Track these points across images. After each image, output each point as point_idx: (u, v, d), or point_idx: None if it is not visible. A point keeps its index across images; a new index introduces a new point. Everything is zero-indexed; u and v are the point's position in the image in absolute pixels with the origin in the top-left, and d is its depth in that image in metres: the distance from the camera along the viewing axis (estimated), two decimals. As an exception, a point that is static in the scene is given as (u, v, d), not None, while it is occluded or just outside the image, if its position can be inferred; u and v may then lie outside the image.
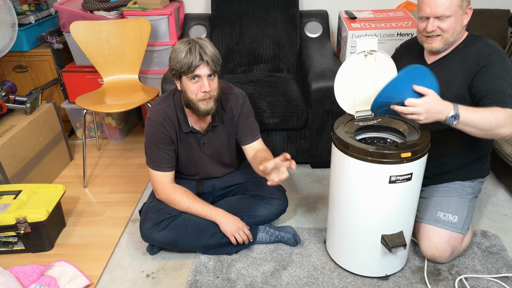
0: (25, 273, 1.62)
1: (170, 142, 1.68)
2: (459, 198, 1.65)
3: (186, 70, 1.50)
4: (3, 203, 1.80)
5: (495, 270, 1.64)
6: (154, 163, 1.69)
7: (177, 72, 1.53)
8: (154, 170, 1.70)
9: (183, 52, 1.49)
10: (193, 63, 1.48)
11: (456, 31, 1.50)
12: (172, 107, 1.67)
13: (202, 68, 1.50)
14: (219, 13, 2.56)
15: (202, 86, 1.53)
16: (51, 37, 2.48)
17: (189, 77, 1.53)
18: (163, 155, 1.68)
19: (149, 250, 1.77)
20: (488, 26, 2.43)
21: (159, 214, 1.68)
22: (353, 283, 1.61)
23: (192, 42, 1.52)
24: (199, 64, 1.49)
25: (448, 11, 1.45)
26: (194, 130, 1.70)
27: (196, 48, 1.49)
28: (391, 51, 2.10)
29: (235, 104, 1.74)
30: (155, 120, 1.65)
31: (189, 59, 1.48)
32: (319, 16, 2.63)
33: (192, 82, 1.53)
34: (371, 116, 1.58)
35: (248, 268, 1.69)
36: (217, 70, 1.55)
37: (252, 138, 1.78)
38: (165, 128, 1.65)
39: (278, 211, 1.81)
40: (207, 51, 1.50)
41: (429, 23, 1.49)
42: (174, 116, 1.66)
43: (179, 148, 1.73)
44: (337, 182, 1.54)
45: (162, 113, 1.65)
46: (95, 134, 2.71)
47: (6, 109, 2.16)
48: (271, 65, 2.58)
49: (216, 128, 1.73)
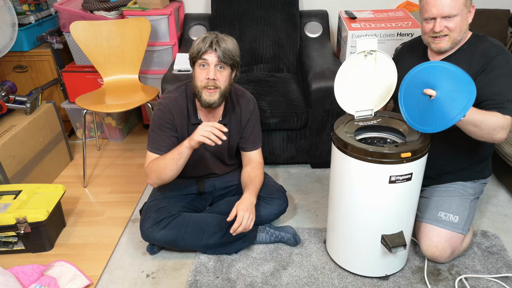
0: (25, 273, 1.62)
1: (174, 129, 1.69)
2: (461, 198, 1.65)
3: (196, 55, 1.56)
4: (3, 203, 1.80)
5: (495, 270, 1.64)
6: (153, 144, 1.69)
7: (191, 58, 1.60)
8: (152, 152, 1.69)
9: (199, 39, 1.57)
10: (202, 48, 1.54)
11: (462, 30, 1.51)
12: (183, 96, 1.70)
13: (209, 54, 1.55)
14: (219, 13, 2.56)
15: (207, 73, 1.56)
16: (51, 37, 2.48)
17: (198, 63, 1.57)
18: (165, 139, 1.68)
19: (149, 250, 1.77)
20: (488, 26, 2.43)
21: (159, 213, 1.68)
22: (353, 283, 1.61)
23: (212, 33, 1.58)
24: (206, 50, 1.54)
25: (454, 10, 1.46)
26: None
27: (211, 38, 1.55)
28: (391, 51, 2.10)
29: (246, 108, 1.77)
30: (165, 105, 1.68)
31: (200, 45, 1.55)
32: (319, 16, 2.63)
33: (200, 69, 1.58)
34: (371, 116, 1.58)
35: (248, 268, 1.69)
36: (228, 63, 1.57)
37: (254, 147, 1.82)
38: (172, 115, 1.67)
39: (278, 211, 1.81)
40: (221, 43, 1.55)
41: (436, 23, 1.49)
42: (184, 106, 1.69)
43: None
44: (337, 182, 1.54)
45: (173, 101, 1.68)
46: (95, 134, 2.71)
47: (6, 109, 2.16)
48: (271, 65, 2.58)
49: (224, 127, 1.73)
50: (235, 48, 1.59)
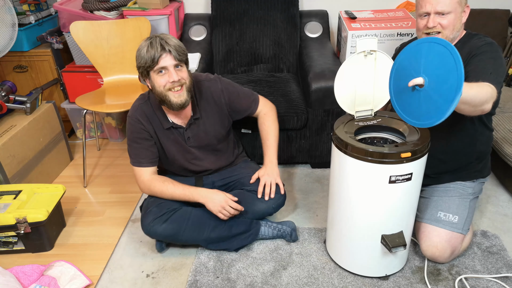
0: (25, 273, 1.62)
1: (149, 136, 1.69)
2: (460, 198, 1.65)
3: (150, 63, 1.52)
4: (3, 203, 1.80)
5: (495, 270, 1.64)
6: (134, 159, 1.71)
7: (143, 69, 1.55)
8: (135, 166, 1.72)
9: (145, 47, 1.52)
10: (155, 54, 1.50)
11: (455, 28, 1.52)
12: (148, 104, 1.68)
13: (165, 58, 1.52)
14: (219, 13, 2.56)
15: (169, 76, 1.54)
16: (51, 37, 2.48)
17: (155, 71, 1.54)
18: (142, 151, 1.69)
19: (158, 247, 1.77)
20: (488, 26, 2.43)
21: (160, 207, 1.68)
22: (353, 283, 1.61)
23: (153, 37, 1.54)
24: (161, 54, 1.51)
25: (448, 8, 1.48)
26: (176, 125, 1.70)
27: (157, 41, 1.51)
28: (391, 51, 2.10)
29: (214, 91, 1.74)
30: (131, 116, 1.68)
31: (151, 52, 1.50)
32: (319, 16, 2.63)
33: (160, 76, 1.55)
34: (371, 116, 1.58)
35: (248, 268, 1.69)
36: (183, 59, 1.56)
37: (253, 107, 1.84)
38: (142, 124, 1.67)
39: (276, 204, 1.80)
40: (169, 42, 1.52)
41: (429, 19, 1.51)
42: (150, 113, 1.68)
43: (164, 146, 1.73)
44: (337, 182, 1.54)
45: (138, 109, 1.68)
46: (95, 134, 2.71)
47: (6, 109, 2.16)
48: (271, 65, 2.58)
49: (199, 121, 1.73)
50: (179, 41, 1.57)
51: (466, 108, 1.33)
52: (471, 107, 1.32)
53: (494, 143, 2.02)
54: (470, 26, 1.59)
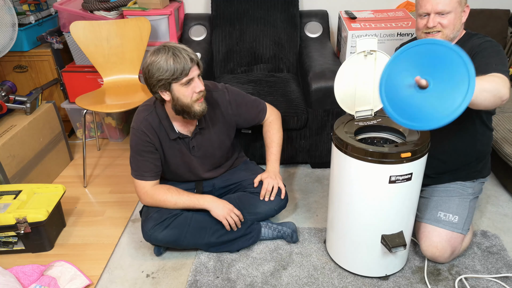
0: (25, 273, 1.62)
1: (154, 150, 1.67)
2: (460, 198, 1.65)
3: (179, 75, 1.47)
4: (3, 203, 1.80)
5: (495, 270, 1.64)
6: (137, 172, 1.68)
7: (166, 81, 1.48)
8: (137, 179, 1.69)
9: (169, 59, 1.45)
10: (185, 66, 1.47)
11: (455, 28, 1.53)
12: (154, 115, 1.64)
13: (194, 69, 1.51)
14: (219, 13, 2.56)
15: (195, 87, 1.53)
16: (51, 37, 2.48)
17: (182, 83, 1.50)
18: (146, 164, 1.67)
19: (156, 252, 1.77)
20: (488, 26, 2.43)
21: (161, 213, 1.68)
22: (353, 283, 1.61)
23: (169, 48, 1.48)
24: (191, 67, 1.49)
25: (448, 7, 1.48)
26: (182, 135, 1.68)
27: (180, 52, 1.47)
28: (391, 51, 2.10)
29: (222, 102, 1.74)
30: (137, 128, 1.64)
31: (181, 64, 1.46)
32: (319, 16, 2.63)
33: (186, 87, 1.51)
34: (371, 116, 1.58)
35: (248, 268, 1.69)
36: (201, 67, 1.56)
37: (260, 116, 1.86)
38: (148, 136, 1.64)
39: (278, 206, 1.80)
40: (189, 52, 1.50)
41: (430, 19, 1.51)
42: (157, 124, 1.64)
43: (167, 157, 1.71)
44: (337, 182, 1.54)
45: (144, 121, 1.64)
46: (95, 134, 2.71)
47: (6, 109, 2.16)
48: (271, 65, 2.58)
49: (204, 130, 1.72)
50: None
51: (486, 98, 1.27)
52: (491, 96, 1.27)
53: (494, 143, 2.02)
54: (470, 26, 1.59)
